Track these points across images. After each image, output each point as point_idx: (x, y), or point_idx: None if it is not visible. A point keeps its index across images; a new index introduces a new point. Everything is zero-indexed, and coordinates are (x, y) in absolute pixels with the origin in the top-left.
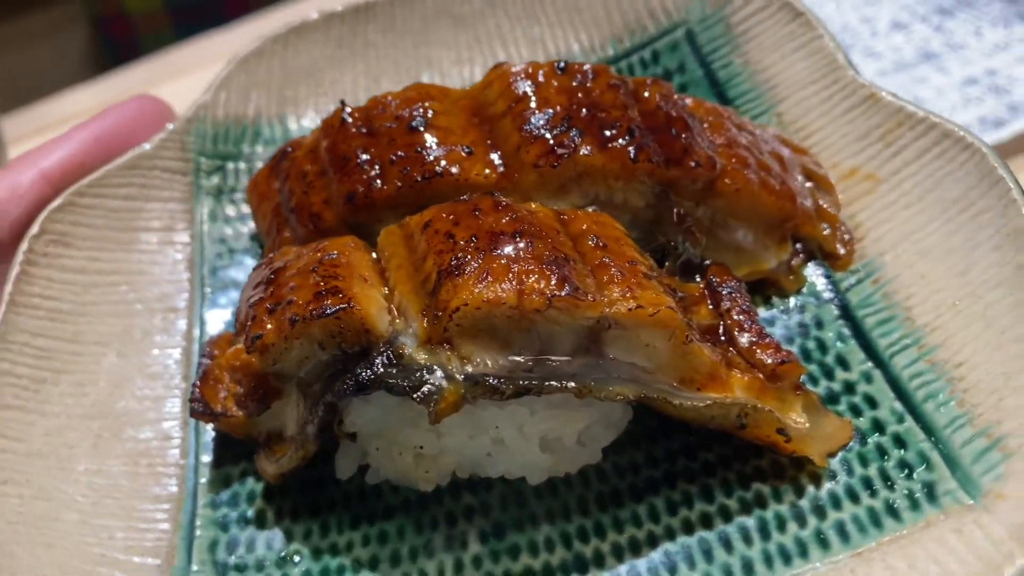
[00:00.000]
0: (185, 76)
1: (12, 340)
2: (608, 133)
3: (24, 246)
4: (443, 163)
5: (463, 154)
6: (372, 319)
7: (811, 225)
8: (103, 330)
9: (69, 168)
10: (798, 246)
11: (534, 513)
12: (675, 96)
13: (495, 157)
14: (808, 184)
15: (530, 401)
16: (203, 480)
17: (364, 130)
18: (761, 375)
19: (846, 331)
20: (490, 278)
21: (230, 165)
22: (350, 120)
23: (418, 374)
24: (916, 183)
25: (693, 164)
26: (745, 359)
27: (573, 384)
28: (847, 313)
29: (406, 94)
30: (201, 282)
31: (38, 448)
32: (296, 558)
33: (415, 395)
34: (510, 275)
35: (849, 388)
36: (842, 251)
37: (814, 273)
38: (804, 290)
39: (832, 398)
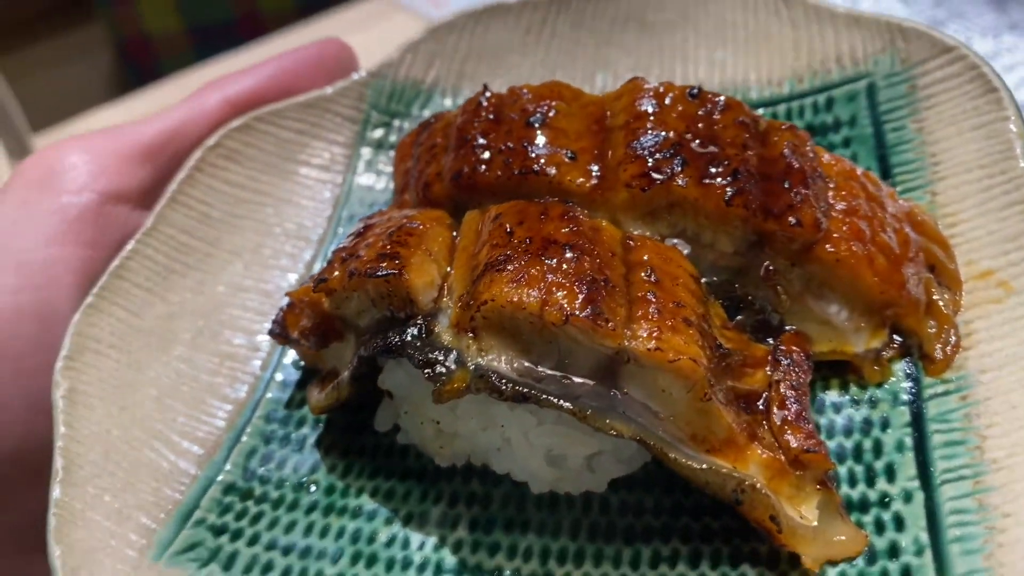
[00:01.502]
0: None
1: (161, 231)
2: (712, 169)
3: (198, 154)
4: (542, 162)
5: (565, 158)
6: (416, 290)
7: (916, 319)
8: (239, 242)
9: (251, 97)
10: (896, 337)
11: (527, 519)
12: (808, 148)
13: (596, 168)
14: (929, 275)
15: (540, 412)
16: (269, 395)
17: (491, 116)
18: (783, 458)
19: (908, 440)
20: (524, 281)
21: (396, 123)
22: (485, 104)
23: (438, 353)
24: None
25: (793, 222)
26: (774, 436)
27: (571, 406)
28: (918, 422)
29: (541, 90)
30: (337, 222)
31: (149, 326)
32: (312, 487)
33: (426, 371)
34: (543, 284)
35: (884, 501)
36: (940, 356)
37: (902, 370)
38: (885, 385)
39: (863, 506)
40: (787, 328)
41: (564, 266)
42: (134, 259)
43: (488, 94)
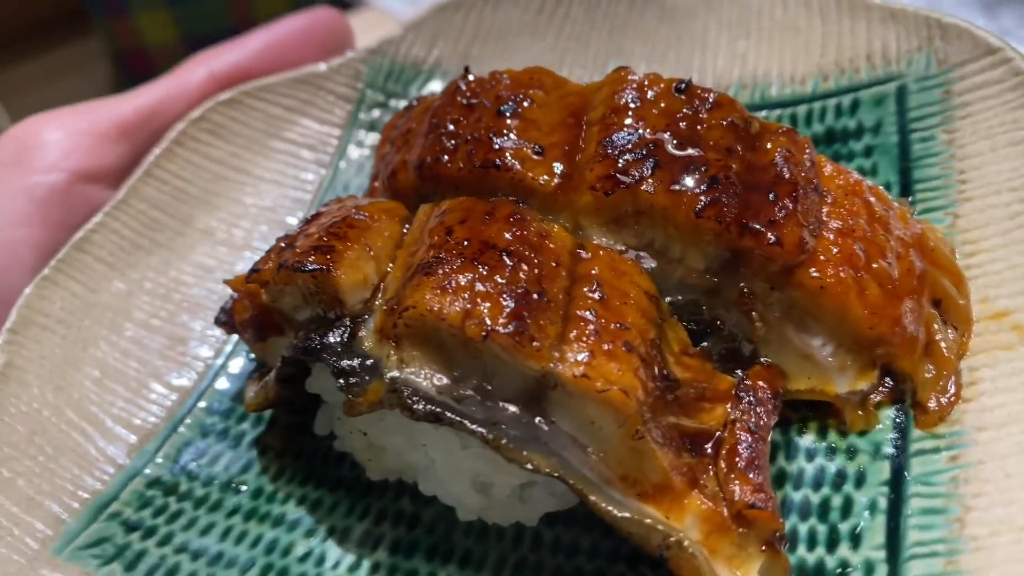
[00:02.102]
0: None
1: (131, 204)
2: (687, 175)
3: (181, 126)
4: (507, 156)
5: (531, 153)
6: (344, 289)
7: (911, 361)
8: (212, 222)
9: (238, 72)
10: (887, 380)
11: (452, 548)
12: (806, 156)
13: (564, 166)
14: (933, 311)
15: (464, 435)
16: (217, 385)
17: (465, 102)
18: (725, 511)
19: (882, 502)
20: (449, 289)
21: (393, 103)
22: (464, 88)
23: (357, 360)
24: None
25: (771, 239)
26: (719, 485)
27: (484, 432)
28: (897, 482)
29: (521, 76)
30: (319, 206)
31: (104, 302)
32: (241, 488)
33: (340, 380)
34: (469, 293)
35: (842, 572)
36: (934, 406)
37: (890, 418)
38: (869, 433)
39: (818, 574)
40: (761, 360)
41: (496, 275)
42: (99, 232)
43: (470, 77)
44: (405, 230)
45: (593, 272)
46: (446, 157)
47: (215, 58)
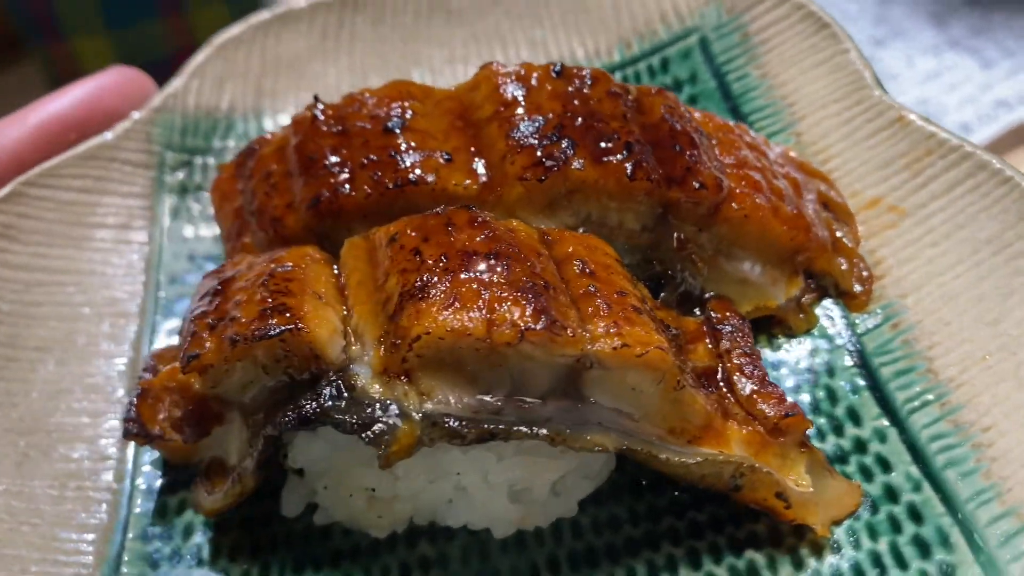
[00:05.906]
0: None
1: None
2: (604, 146)
3: None
4: (419, 170)
5: (441, 161)
6: (322, 343)
7: (826, 259)
8: (43, 335)
9: (18, 156)
10: (810, 282)
11: (497, 569)
12: (682, 109)
13: (478, 166)
14: (825, 213)
15: (498, 446)
16: (137, 509)
17: (336, 129)
18: (762, 429)
19: (860, 381)
20: (458, 304)
21: (198, 160)
22: (323, 117)
23: (369, 410)
24: (945, 219)
25: (697, 185)
26: (744, 409)
27: (545, 431)
28: (862, 360)
29: (385, 92)
30: (156, 286)
31: None
32: None
33: (363, 434)
34: (480, 302)
35: (860, 446)
36: (859, 289)
37: (827, 313)
38: (815, 332)
39: (841, 457)
40: (709, 296)
41: (496, 278)
42: None
43: (322, 106)
44: (334, 271)
45: (570, 251)
46: (347, 187)
47: None
